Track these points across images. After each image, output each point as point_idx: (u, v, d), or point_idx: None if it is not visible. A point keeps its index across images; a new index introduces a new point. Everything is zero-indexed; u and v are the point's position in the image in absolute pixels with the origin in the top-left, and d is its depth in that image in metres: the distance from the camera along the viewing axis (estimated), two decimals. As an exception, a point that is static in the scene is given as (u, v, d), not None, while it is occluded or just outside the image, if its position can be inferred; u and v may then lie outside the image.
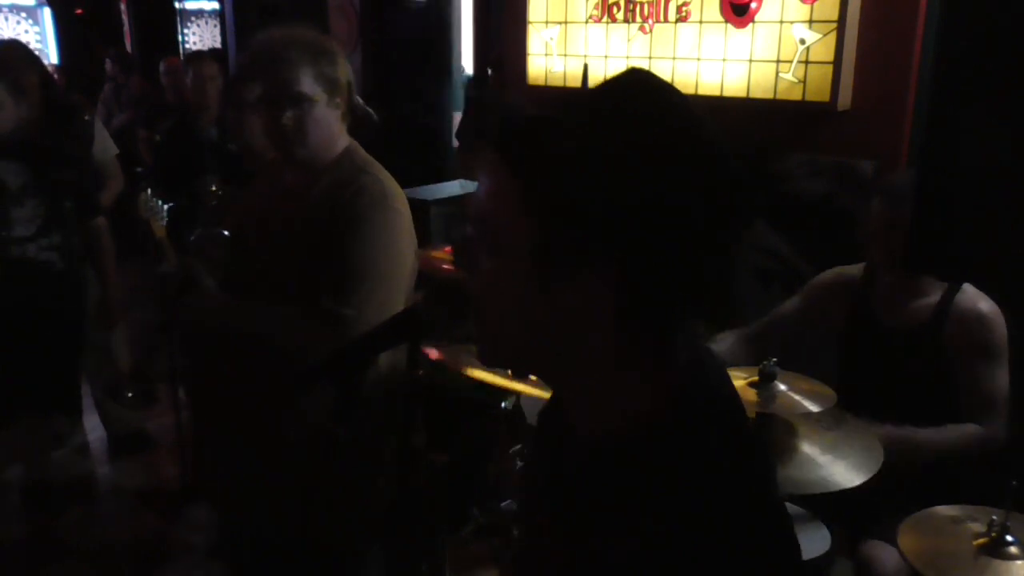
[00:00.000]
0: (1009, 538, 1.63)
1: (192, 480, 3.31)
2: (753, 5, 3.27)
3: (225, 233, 2.04)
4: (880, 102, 3.07)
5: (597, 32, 3.85)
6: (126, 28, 9.59)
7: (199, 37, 9.32)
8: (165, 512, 3.38)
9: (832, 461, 1.88)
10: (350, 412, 1.06)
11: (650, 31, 3.63)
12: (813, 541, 2.00)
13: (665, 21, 3.56)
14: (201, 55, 4.59)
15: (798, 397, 1.91)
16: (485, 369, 2.10)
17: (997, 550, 1.62)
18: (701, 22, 3.44)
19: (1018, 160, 1.56)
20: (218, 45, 8.10)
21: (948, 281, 2.14)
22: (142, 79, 6.96)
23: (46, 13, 9.61)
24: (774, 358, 1.96)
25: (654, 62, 3.61)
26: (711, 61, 3.43)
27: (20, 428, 3.02)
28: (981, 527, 1.67)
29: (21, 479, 3.29)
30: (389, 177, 1.86)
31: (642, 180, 0.70)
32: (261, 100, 1.76)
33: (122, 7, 9.57)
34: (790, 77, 3.20)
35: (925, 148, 2.11)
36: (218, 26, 8.41)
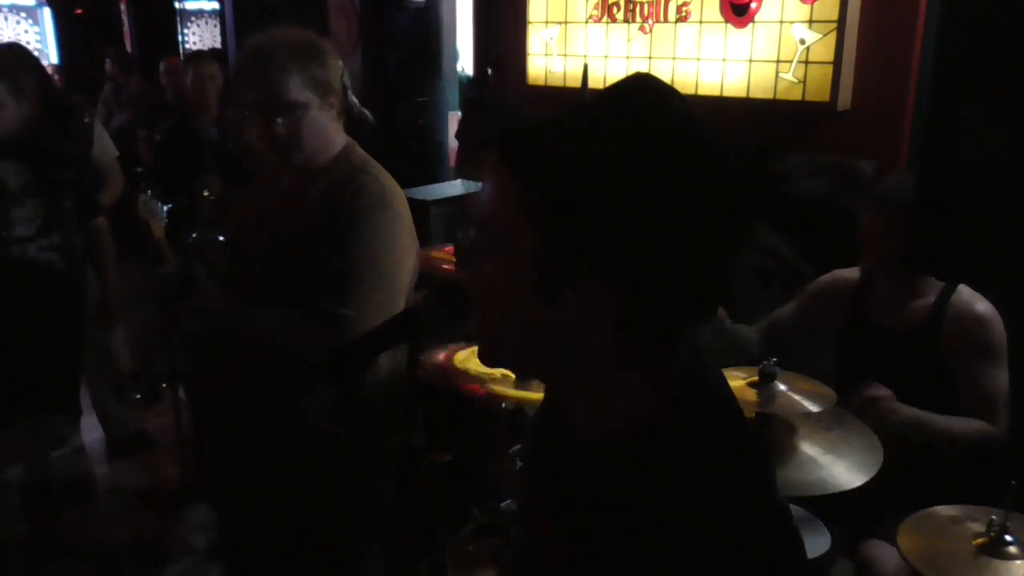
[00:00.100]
0: (1009, 538, 1.63)
1: (192, 480, 3.31)
2: (753, 5, 3.27)
3: (221, 239, 2.03)
4: (880, 102, 3.07)
5: (597, 32, 3.85)
6: (126, 28, 9.60)
7: (199, 37, 9.33)
8: (165, 512, 3.38)
9: (832, 461, 1.88)
10: (350, 412, 1.06)
11: (650, 31, 3.62)
12: (813, 541, 2.01)
13: (665, 21, 3.56)
14: (201, 55, 4.58)
15: (798, 397, 1.91)
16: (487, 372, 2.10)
17: (997, 550, 1.63)
18: (701, 22, 3.44)
19: (1018, 160, 1.57)
20: (218, 45, 8.11)
21: (948, 281, 2.14)
22: (142, 79, 6.96)
23: (46, 13, 9.62)
24: (774, 358, 1.97)
25: (654, 62, 3.61)
26: (711, 61, 3.43)
27: (20, 428, 3.02)
28: (981, 527, 1.68)
29: (21, 479, 3.28)
30: (388, 176, 1.85)
31: (642, 182, 0.70)
32: (253, 108, 1.75)
33: (122, 7, 9.58)
34: (790, 77, 3.20)
35: (925, 148, 2.11)
36: (218, 26, 8.43)
